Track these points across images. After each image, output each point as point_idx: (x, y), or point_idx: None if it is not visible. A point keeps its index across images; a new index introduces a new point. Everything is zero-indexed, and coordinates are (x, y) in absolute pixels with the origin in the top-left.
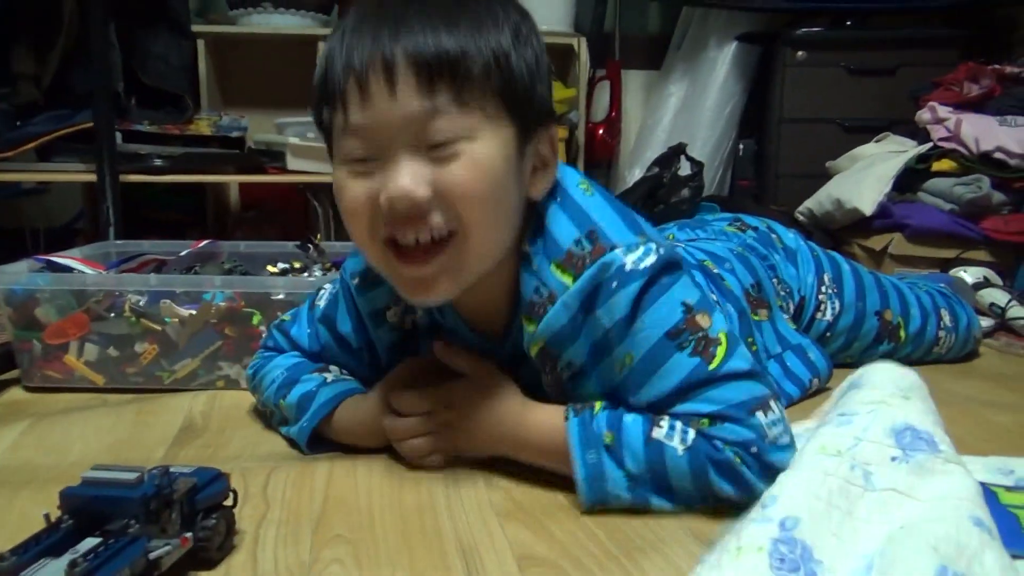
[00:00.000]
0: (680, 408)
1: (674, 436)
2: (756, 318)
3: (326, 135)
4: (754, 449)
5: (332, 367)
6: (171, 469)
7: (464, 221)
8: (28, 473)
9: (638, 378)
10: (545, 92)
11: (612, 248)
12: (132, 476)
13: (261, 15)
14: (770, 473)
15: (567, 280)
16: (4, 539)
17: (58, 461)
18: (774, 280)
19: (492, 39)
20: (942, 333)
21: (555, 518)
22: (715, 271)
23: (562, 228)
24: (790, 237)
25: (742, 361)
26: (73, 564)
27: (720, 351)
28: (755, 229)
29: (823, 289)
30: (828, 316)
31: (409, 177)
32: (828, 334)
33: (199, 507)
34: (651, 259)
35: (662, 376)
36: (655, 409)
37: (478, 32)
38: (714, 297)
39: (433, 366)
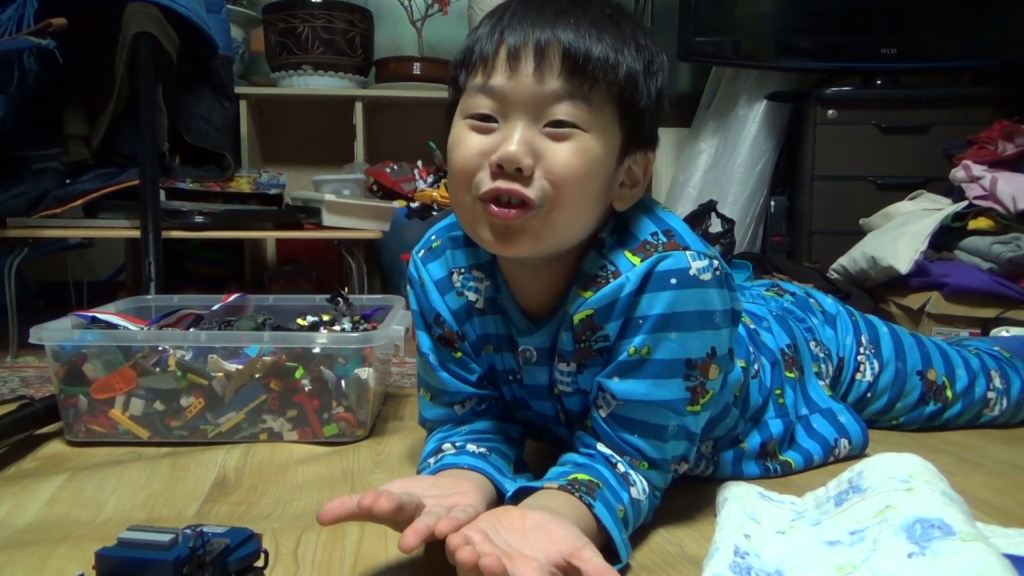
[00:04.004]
0: (633, 440)
1: (639, 490)
2: (789, 375)
3: (454, 97)
4: (663, 488)
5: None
6: (204, 529)
7: (557, 196)
8: (64, 529)
9: (640, 367)
10: (654, 123)
11: (685, 248)
12: (166, 538)
13: (301, 77)
14: None
15: (635, 261)
16: None
17: (93, 517)
18: (812, 343)
19: (629, 59)
20: (992, 394)
21: None
22: (752, 327)
23: (642, 225)
24: (828, 302)
25: (701, 420)
26: None
27: (703, 401)
28: (792, 295)
29: (861, 350)
30: (868, 376)
31: (523, 144)
32: (869, 395)
33: (231, 569)
34: (708, 276)
35: (657, 384)
36: (619, 414)
37: (620, 49)
38: (751, 349)
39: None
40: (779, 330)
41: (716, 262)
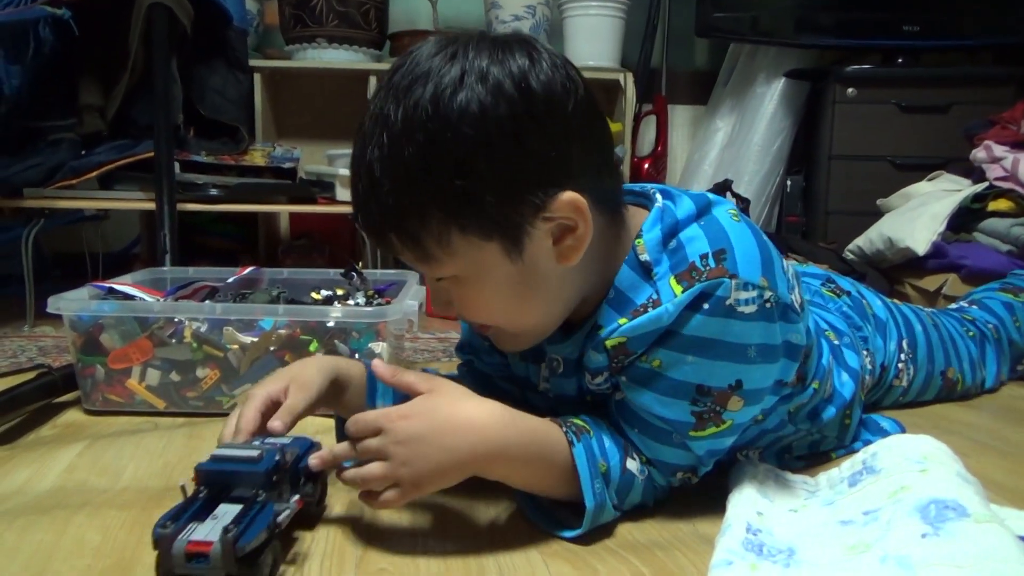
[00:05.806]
0: (631, 434)
1: (636, 467)
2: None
3: None
4: (666, 487)
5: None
6: (280, 443)
7: (493, 322)
8: (83, 495)
9: (649, 379)
10: (520, 190)
11: (732, 276)
12: (254, 453)
13: (316, 50)
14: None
15: (678, 291)
16: (60, 562)
17: (111, 484)
18: (864, 352)
19: (425, 190)
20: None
21: (599, 556)
22: (836, 342)
23: (696, 242)
24: (879, 305)
25: (711, 446)
26: (226, 530)
27: (711, 430)
28: (848, 294)
29: (902, 356)
30: (904, 382)
31: (436, 302)
32: (901, 398)
33: (302, 474)
34: (751, 308)
35: (661, 400)
36: (626, 405)
37: (409, 188)
38: (831, 367)
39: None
40: (855, 348)
41: (768, 294)
